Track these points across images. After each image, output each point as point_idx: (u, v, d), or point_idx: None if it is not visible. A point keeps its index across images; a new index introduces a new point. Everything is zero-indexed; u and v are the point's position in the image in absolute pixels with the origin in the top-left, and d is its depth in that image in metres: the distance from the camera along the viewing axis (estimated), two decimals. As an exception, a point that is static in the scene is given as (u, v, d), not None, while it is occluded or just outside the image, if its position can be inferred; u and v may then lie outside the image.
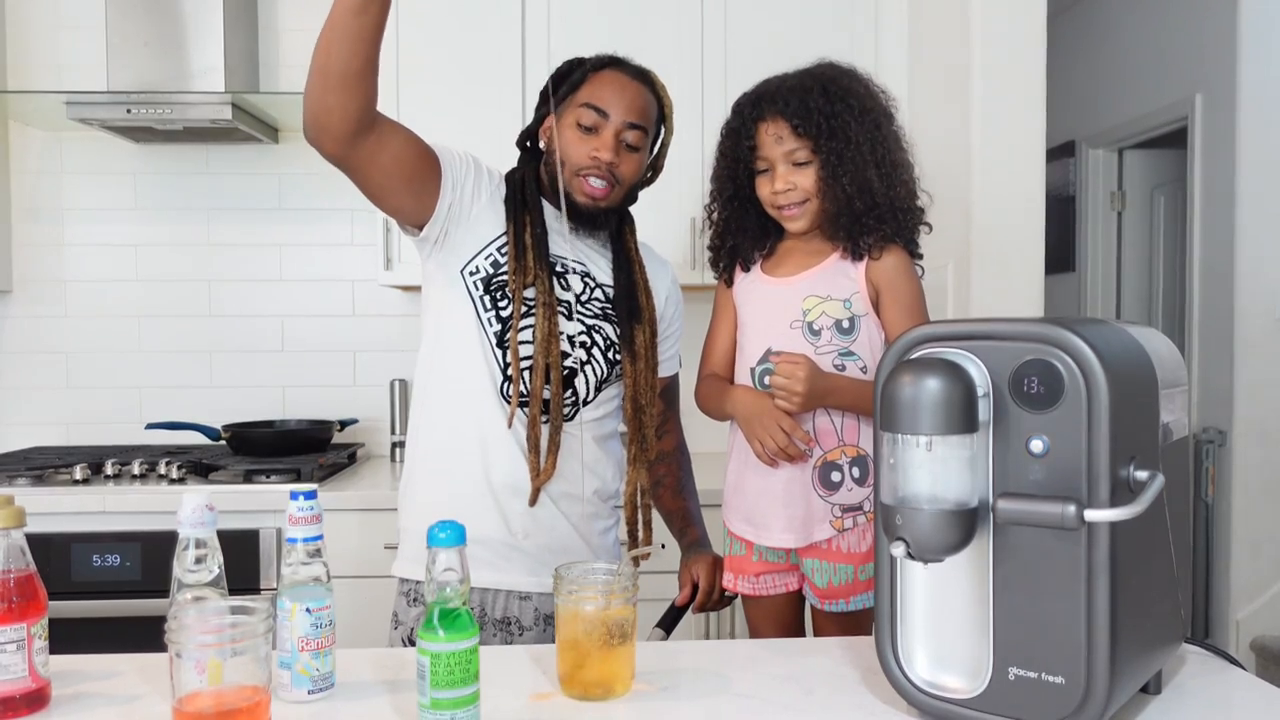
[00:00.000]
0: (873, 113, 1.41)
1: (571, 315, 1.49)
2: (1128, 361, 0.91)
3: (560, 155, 1.47)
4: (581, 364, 1.49)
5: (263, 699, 0.92)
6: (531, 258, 1.45)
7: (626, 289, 1.52)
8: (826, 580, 1.44)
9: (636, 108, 1.48)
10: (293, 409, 2.82)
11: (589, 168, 1.46)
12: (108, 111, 2.40)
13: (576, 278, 1.51)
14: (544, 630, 1.50)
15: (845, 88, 1.41)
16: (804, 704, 1.02)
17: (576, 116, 1.47)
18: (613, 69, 1.50)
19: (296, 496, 1.04)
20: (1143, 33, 4.05)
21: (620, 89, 1.47)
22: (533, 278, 1.45)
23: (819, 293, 1.43)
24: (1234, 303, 3.49)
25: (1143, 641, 0.93)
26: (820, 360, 1.40)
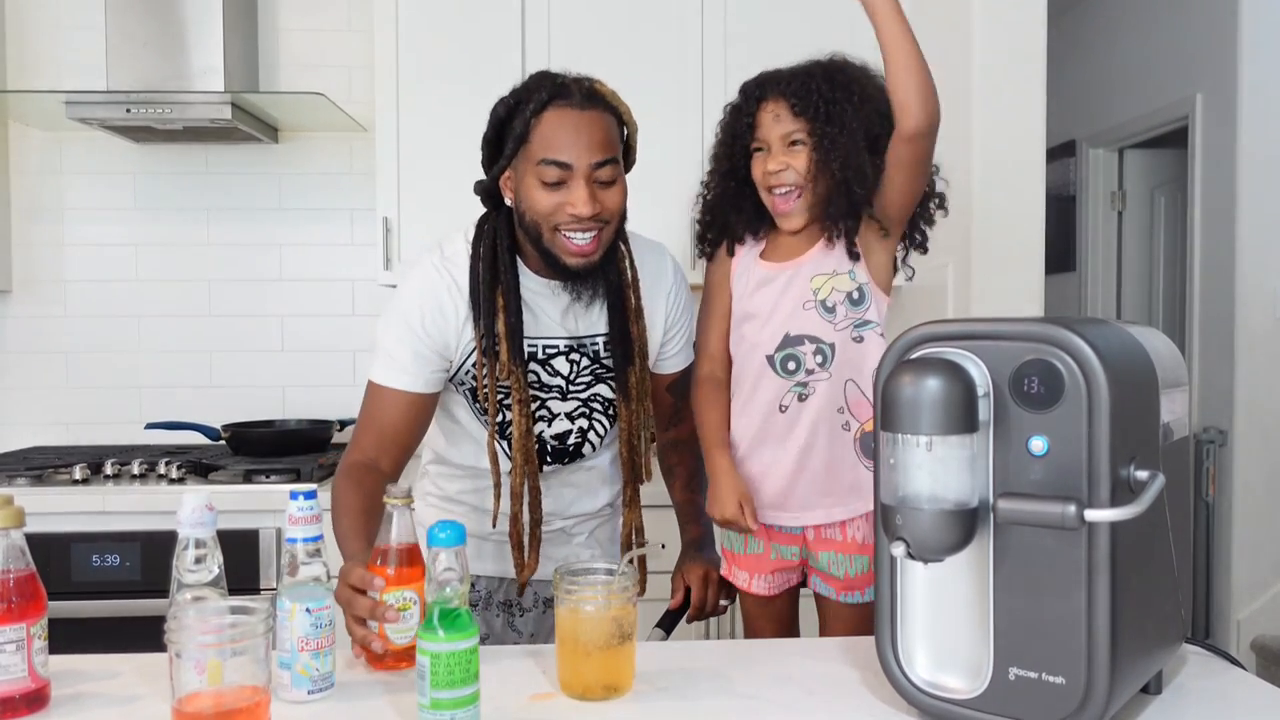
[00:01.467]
0: (875, 103, 1.40)
1: (566, 396, 1.48)
2: (1128, 361, 0.91)
3: (531, 217, 1.36)
4: (584, 433, 1.51)
5: (262, 699, 0.92)
6: (506, 351, 1.39)
7: (620, 332, 1.46)
8: (844, 571, 1.46)
9: (598, 142, 1.33)
10: (293, 409, 2.82)
11: (568, 223, 1.34)
12: (107, 111, 2.40)
13: (563, 359, 1.47)
14: (544, 612, 1.60)
15: (850, 77, 1.43)
16: (804, 704, 1.02)
17: (538, 175, 1.33)
18: (557, 106, 1.33)
19: (296, 496, 1.04)
20: (1143, 33, 4.05)
21: (574, 130, 1.32)
22: (507, 373, 1.40)
23: (823, 270, 1.43)
24: (1234, 303, 3.48)
25: (1143, 641, 0.93)
26: (840, 336, 1.43)
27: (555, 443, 1.50)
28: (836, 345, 1.43)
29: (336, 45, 2.78)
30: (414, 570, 1.11)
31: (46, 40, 2.74)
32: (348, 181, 2.81)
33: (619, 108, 1.39)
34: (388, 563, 1.10)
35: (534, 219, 1.35)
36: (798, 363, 1.44)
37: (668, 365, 1.60)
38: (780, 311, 1.46)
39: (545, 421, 1.48)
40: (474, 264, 1.40)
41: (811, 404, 1.44)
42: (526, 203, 1.35)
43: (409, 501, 1.12)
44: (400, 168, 2.48)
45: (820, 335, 1.43)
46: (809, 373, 1.44)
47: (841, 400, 1.44)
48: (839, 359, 1.43)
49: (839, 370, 1.43)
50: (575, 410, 1.49)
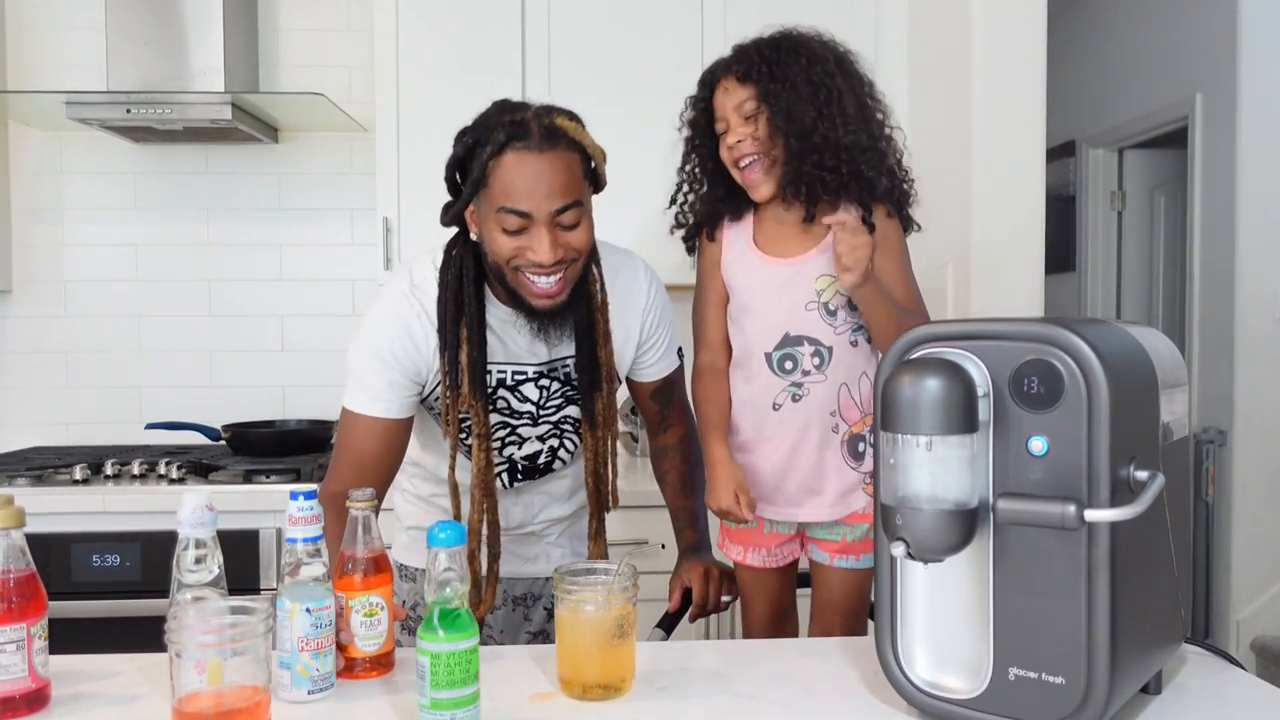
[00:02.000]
0: (824, 63, 1.40)
1: (537, 420, 1.48)
2: (1128, 361, 0.91)
3: (493, 259, 1.33)
4: (554, 451, 1.51)
5: (262, 699, 0.92)
6: (466, 383, 1.37)
7: (588, 358, 1.43)
8: (842, 536, 1.48)
9: (559, 187, 1.28)
10: (293, 409, 2.82)
11: (530, 267, 1.31)
12: (107, 111, 2.40)
13: (532, 385, 1.45)
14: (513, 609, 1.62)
15: (797, 40, 1.43)
16: (804, 704, 1.02)
17: (498, 221, 1.29)
18: (515, 150, 1.27)
19: (296, 496, 1.04)
20: (1143, 33, 4.05)
21: (534, 176, 1.27)
22: (466, 406, 1.38)
23: (831, 272, 1.41)
24: (1234, 303, 3.48)
25: (1143, 641, 0.93)
26: (839, 340, 1.43)
27: (525, 462, 1.51)
28: (835, 349, 1.43)
29: (336, 45, 2.78)
30: (381, 576, 1.11)
31: (46, 40, 2.74)
32: (348, 181, 2.81)
33: (582, 141, 1.33)
34: (355, 569, 1.10)
35: (495, 261, 1.33)
36: (795, 363, 1.44)
37: (647, 374, 1.58)
38: (781, 309, 1.45)
39: (516, 445, 1.49)
40: (441, 294, 1.38)
41: (805, 405, 1.44)
42: (489, 246, 1.33)
43: (374, 504, 1.12)
44: (400, 168, 2.48)
45: (820, 338, 1.43)
46: (805, 374, 1.44)
47: (834, 404, 1.44)
48: (835, 362, 1.43)
49: (835, 374, 1.43)
50: (546, 433, 1.49)
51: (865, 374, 1.45)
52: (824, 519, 1.48)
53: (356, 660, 1.09)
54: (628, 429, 2.79)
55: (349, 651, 1.09)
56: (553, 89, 2.45)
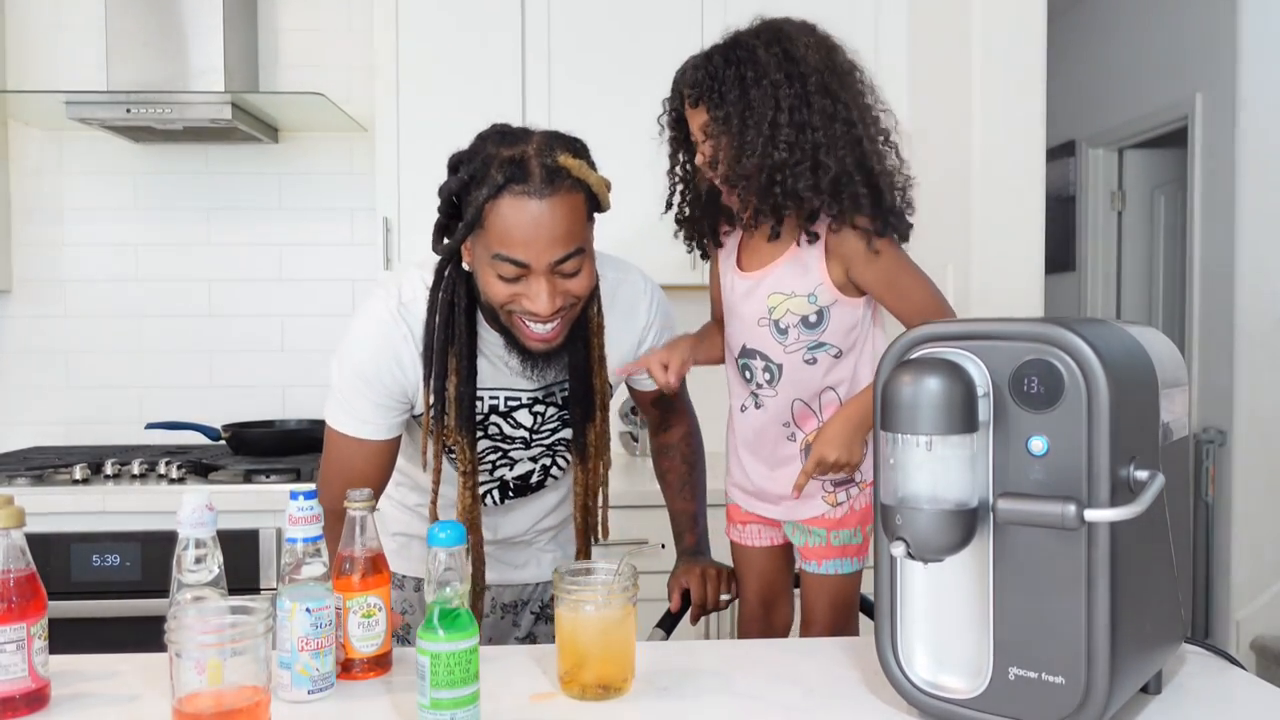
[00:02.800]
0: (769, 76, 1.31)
1: (530, 444, 1.45)
2: (1128, 361, 0.91)
3: (487, 300, 1.28)
4: (546, 470, 1.50)
5: (262, 699, 0.92)
6: (454, 416, 1.32)
7: (582, 385, 1.39)
8: (803, 540, 1.48)
9: (560, 236, 1.21)
10: (293, 409, 2.82)
11: (526, 314, 1.26)
12: (107, 111, 2.40)
13: (525, 411, 1.41)
14: (501, 617, 1.60)
15: (749, 50, 1.33)
16: (804, 704, 1.02)
17: (493, 267, 1.23)
18: (513, 193, 1.19)
19: (296, 496, 1.04)
20: (1143, 33, 4.05)
21: (533, 224, 1.19)
22: (454, 441, 1.34)
23: (782, 289, 1.39)
24: (1234, 303, 3.48)
25: (1143, 641, 0.93)
26: (790, 358, 1.40)
27: (517, 482, 1.49)
28: (785, 366, 1.41)
29: (336, 45, 2.78)
30: (379, 576, 1.11)
31: (46, 40, 2.74)
32: (348, 181, 2.81)
33: (586, 180, 1.24)
34: (353, 569, 1.10)
35: (489, 303, 1.28)
36: (751, 374, 1.45)
37: (647, 384, 1.56)
38: (742, 321, 1.45)
39: (506, 467, 1.47)
40: (429, 319, 1.32)
41: (763, 413, 1.46)
42: (483, 286, 1.27)
43: (371, 505, 1.12)
44: (400, 168, 2.48)
45: (769, 354, 1.42)
46: (759, 386, 1.45)
47: (787, 416, 1.44)
48: (786, 379, 1.41)
49: (785, 389, 1.42)
50: (539, 454, 1.48)
51: (831, 389, 1.41)
52: (779, 518, 1.50)
53: (355, 661, 1.09)
54: (628, 428, 2.79)
55: (347, 652, 1.09)
56: (552, 89, 2.46)
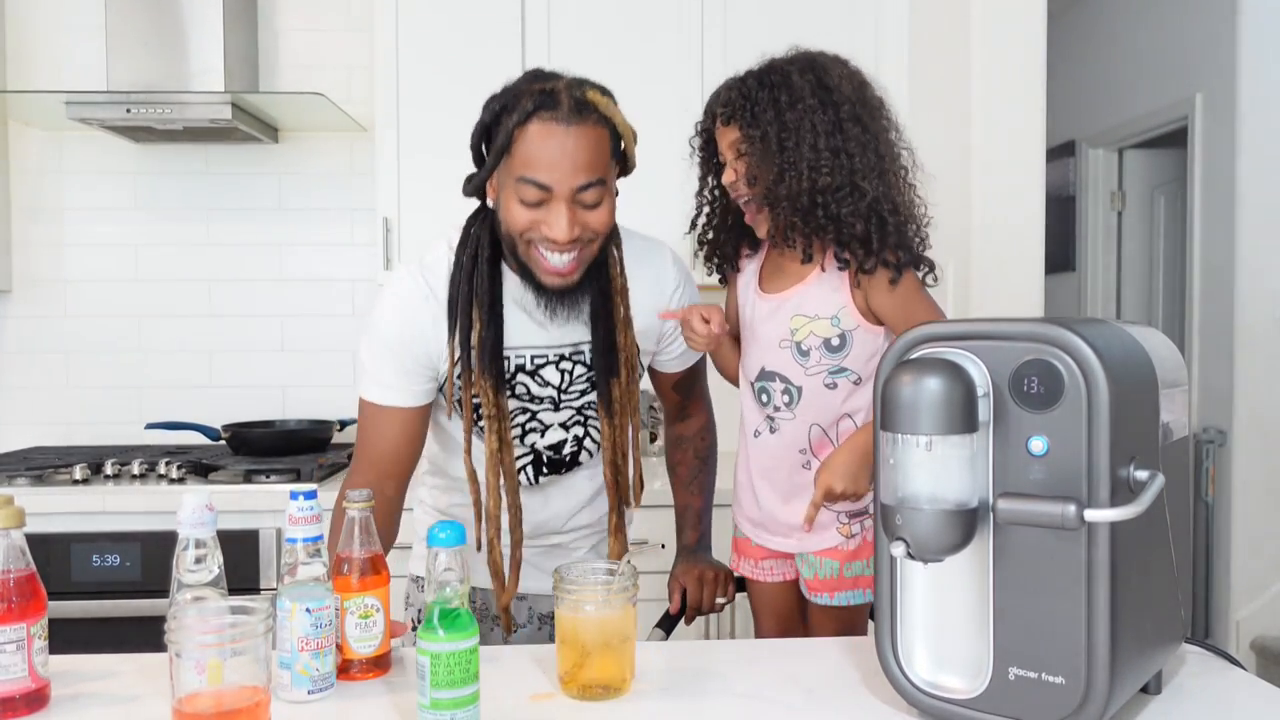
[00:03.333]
0: (804, 102, 1.34)
1: (559, 405, 1.43)
2: (1128, 361, 0.91)
3: (506, 230, 1.30)
4: (579, 440, 1.46)
5: (262, 699, 0.92)
6: (477, 362, 1.33)
7: (604, 342, 1.39)
8: (813, 573, 1.46)
9: (583, 163, 1.24)
10: (293, 409, 2.82)
11: (544, 243, 1.28)
12: (108, 111, 2.40)
13: (552, 368, 1.40)
14: (539, 628, 1.55)
15: (783, 74, 1.37)
16: (804, 704, 1.02)
17: (517, 191, 1.26)
18: (543, 119, 1.23)
19: (296, 496, 1.04)
20: (1143, 33, 4.05)
21: (559, 148, 1.23)
22: (479, 389, 1.34)
23: (806, 311, 1.40)
24: (1234, 303, 3.49)
25: (1143, 641, 0.93)
26: (810, 381, 1.41)
27: (550, 453, 1.46)
28: (805, 389, 1.41)
29: (336, 45, 2.79)
30: (378, 577, 1.10)
31: (46, 40, 2.74)
32: (348, 181, 2.81)
33: (613, 118, 1.29)
34: (351, 570, 1.10)
35: (509, 232, 1.29)
36: (769, 396, 1.44)
37: (671, 365, 1.56)
38: (761, 343, 1.45)
39: (538, 433, 1.44)
40: (454, 273, 1.35)
41: (778, 438, 1.45)
42: (505, 216, 1.29)
43: (370, 505, 1.12)
44: (400, 168, 2.48)
45: (790, 376, 1.42)
46: (776, 409, 1.44)
47: (804, 442, 1.43)
48: (805, 402, 1.41)
49: (804, 413, 1.42)
50: (570, 419, 1.44)
51: (848, 415, 1.41)
52: (791, 550, 1.48)
53: (353, 662, 1.09)
54: (647, 427, 2.78)
55: (344, 653, 1.09)
56: (553, 89, 2.45)
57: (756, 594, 1.57)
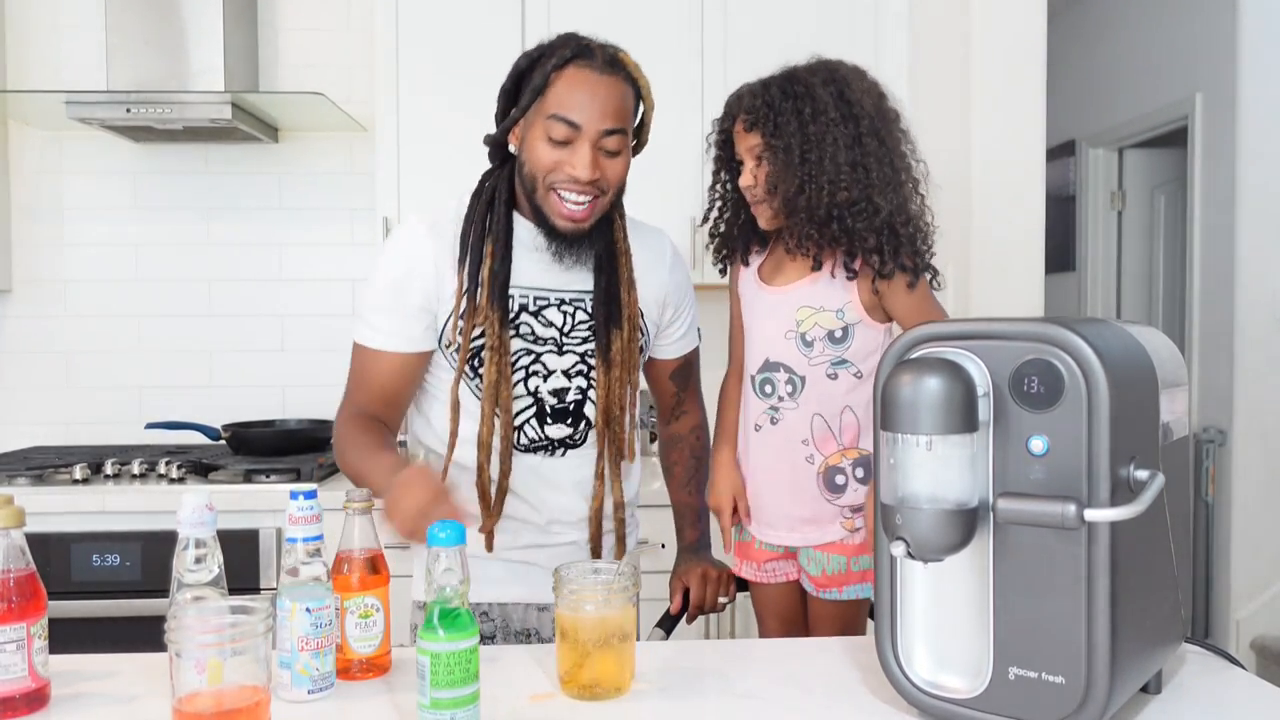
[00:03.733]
0: (828, 114, 1.38)
1: (562, 349, 1.42)
2: (1128, 361, 0.91)
3: (530, 170, 1.35)
4: (583, 391, 1.43)
5: (262, 699, 0.92)
6: (485, 295, 1.36)
7: (605, 292, 1.42)
8: (820, 569, 1.48)
9: (611, 110, 1.33)
10: (293, 409, 2.82)
11: (565, 183, 1.34)
12: (107, 111, 2.40)
13: (555, 310, 1.42)
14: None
15: (806, 85, 1.41)
16: (804, 704, 1.02)
17: (545, 129, 1.33)
18: (578, 65, 1.34)
19: (296, 496, 1.04)
20: (1143, 33, 4.05)
21: (591, 91, 1.32)
22: (483, 318, 1.36)
23: (812, 303, 1.45)
24: (1234, 303, 3.48)
25: (1143, 641, 0.93)
26: (813, 371, 1.45)
27: (554, 400, 1.41)
28: (808, 379, 1.45)
29: (336, 45, 2.79)
30: (377, 577, 1.11)
31: (46, 40, 2.74)
32: (348, 181, 2.81)
33: (639, 80, 1.38)
34: (351, 570, 1.10)
35: (532, 172, 1.35)
36: (772, 387, 1.48)
37: (669, 350, 1.56)
38: (764, 334, 1.49)
39: (541, 377, 1.41)
40: (469, 212, 1.40)
41: (780, 430, 1.48)
42: (528, 154, 1.35)
43: (370, 506, 1.12)
44: (400, 168, 2.48)
45: (793, 366, 1.46)
46: (780, 399, 1.47)
47: (806, 433, 1.46)
48: (808, 392, 1.45)
49: (807, 403, 1.45)
50: (572, 366, 1.42)
51: (850, 408, 1.46)
52: (795, 544, 1.50)
53: (353, 662, 1.09)
54: (646, 427, 2.77)
55: (344, 652, 1.09)
56: (553, 89, 2.45)
57: (760, 597, 1.58)
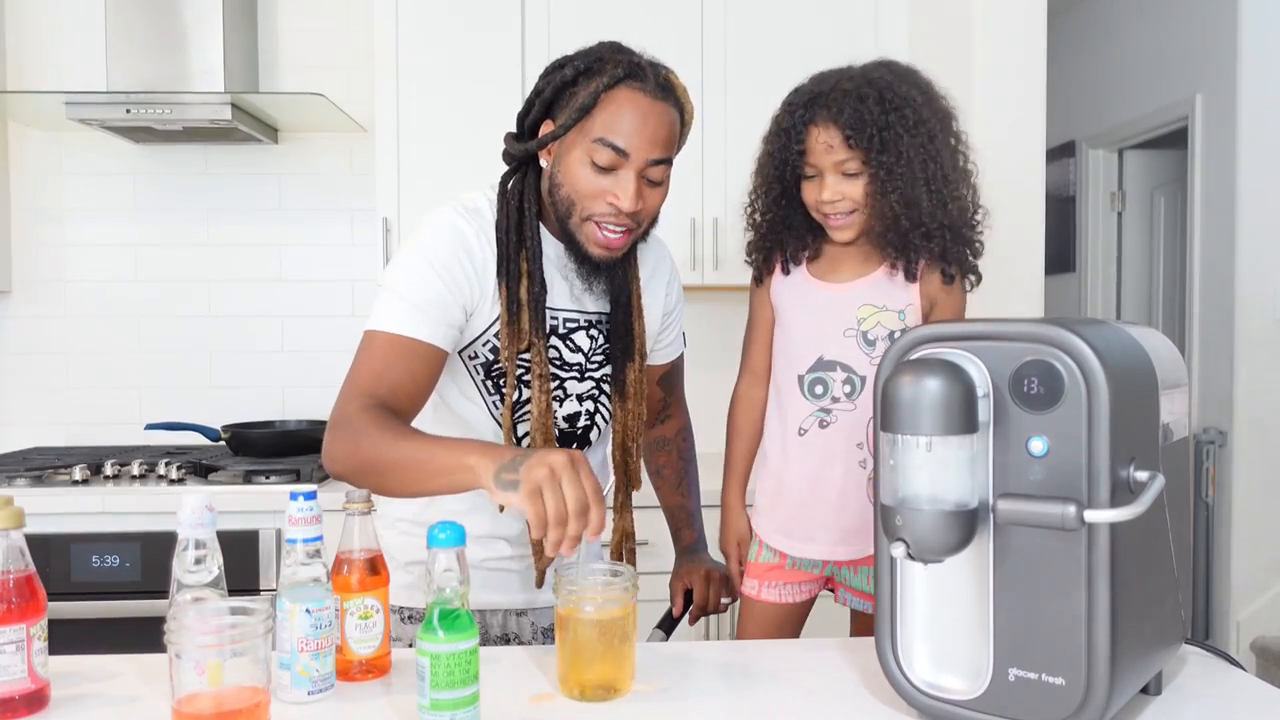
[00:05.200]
0: (928, 124, 1.34)
1: (584, 375, 1.39)
2: (1128, 361, 0.91)
3: (568, 194, 1.27)
4: (591, 415, 1.42)
5: (262, 700, 0.92)
6: (526, 318, 1.29)
7: (622, 325, 1.38)
8: (863, 585, 1.44)
9: (661, 139, 1.25)
10: (293, 409, 2.82)
11: (605, 215, 1.26)
12: (107, 111, 2.40)
13: (583, 334, 1.38)
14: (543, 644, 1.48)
15: (903, 96, 1.34)
16: (804, 704, 1.02)
17: (589, 153, 1.24)
18: (630, 86, 1.23)
19: (296, 497, 1.04)
20: (1143, 33, 4.05)
21: (642, 118, 1.23)
22: (527, 344, 1.29)
23: (875, 302, 1.39)
24: (1234, 303, 3.49)
25: (1143, 642, 0.93)
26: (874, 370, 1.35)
27: (565, 425, 1.39)
28: (869, 379, 1.38)
29: (336, 45, 2.79)
30: (376, 578, 1.10)
31: (46, 40, 2.74)
32: (348, 181, 2.82)
33: (686, 105, 1.30)
34: (351, 571, 1.09)
35: (570, 196, 1.26)
36: (825, 387, 1.40)
37: (660, 357, 1.55)
38: (819, 332, 1.42)
39: (559, 402, 1.37)
40: (502, 220, 1.30)
41: (831, 432, 1.40)
42: (567, 177, 1.26)
43: (370, 507, 1.11)
44: (400, 168, 2.48)
45: (854, 365, 1.39)
46: (834, 400, 1.40)
47: (862, 436, 1.39)
48: (868, 393, 1.38)
49: (865, 404, 1.38)
50: (586, 391, 1.40)
51: None
52: (839, 558, 1.43)
53: (352, 663, 1.09)
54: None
55: (344, 654, 1.09)
56: (553, 89, 2.45)
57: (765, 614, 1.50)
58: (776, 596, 1.49)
